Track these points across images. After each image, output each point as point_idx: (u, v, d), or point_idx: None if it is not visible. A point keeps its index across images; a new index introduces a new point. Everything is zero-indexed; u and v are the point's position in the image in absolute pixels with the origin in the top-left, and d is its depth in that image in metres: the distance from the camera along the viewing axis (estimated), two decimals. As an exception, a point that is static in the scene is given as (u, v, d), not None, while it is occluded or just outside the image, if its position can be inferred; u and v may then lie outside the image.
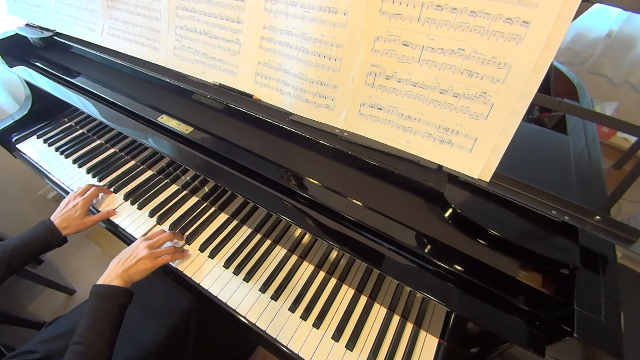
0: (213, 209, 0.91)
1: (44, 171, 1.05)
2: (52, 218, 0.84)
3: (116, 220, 0.89)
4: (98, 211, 0.91)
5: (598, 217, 0.50)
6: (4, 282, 0.76)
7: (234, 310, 0.72)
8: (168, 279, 0.80)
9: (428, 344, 0.67)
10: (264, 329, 0.69)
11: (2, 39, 1.12)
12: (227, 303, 0.73)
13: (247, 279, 0.77)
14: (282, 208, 0.67)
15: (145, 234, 0.86)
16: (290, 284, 0.76)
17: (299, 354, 0.66)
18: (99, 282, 0.70)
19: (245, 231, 0.86)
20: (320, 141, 0.65)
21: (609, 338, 0.43)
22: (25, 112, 1.17)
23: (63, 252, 1.73)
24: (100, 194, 0.94)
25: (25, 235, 0.79)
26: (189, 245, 0.83)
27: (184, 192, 0.95)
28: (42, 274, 1.47)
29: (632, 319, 0.49)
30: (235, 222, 0.88)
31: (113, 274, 0.70)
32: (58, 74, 1.00)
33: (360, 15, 0.56)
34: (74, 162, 1.06)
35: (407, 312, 0.70)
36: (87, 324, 0.63)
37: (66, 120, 1.20)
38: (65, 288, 1.55)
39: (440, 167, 0.58)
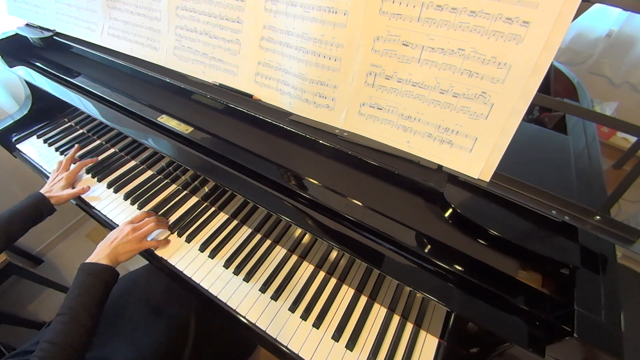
0: (213, 209, 0.91)
1: (44, 171, 1.05)
2: (41, 190, 0.91)
3: (117, 220, 0.90)
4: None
5: (598, 217, 0.50)
6: (3, 251, 0.83)
7: (234, 310, 0.72)
8: (168, 280, 0.80)
9: (428, 344, 0.67)
10: (264, 329, 0.69)
11: (2, 39, 1.12)
12: (227, 303, 0.73)
13: (247, 279, 0.77)
14: (282, 208, 0.67)
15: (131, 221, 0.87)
16: (290, 284, 0.76)
17: (299, 354, 0.66)
18: (87, 260, 0.73)
19: (245, 231, 0.86)
20: (320, 141, 0.65)
21: (609, 338, 0.43)
22: (25, 112, 1.17)
23: (63, 252, 1.74)
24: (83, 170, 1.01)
25: (17, 205, 0.85)
26: (189, 244, 0.83)
27: (184, 192, 0.95)
28: (42, 274, 1.47)
29: (632, 319, 0.49)
30: (235, 222, 0.88)
31: (101, 254, 0.74)
32: (58, 74, 1.00)
33: (360, 15, 0.56)
34: (74, 162, 1.05)
35: (407, 312, 0.70)
36: (72, 296, 0.66)
37: (66, 120, 1.20)
38: (65, 288, 1.55)
39: (440, 167, 0.58)
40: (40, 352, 0.59)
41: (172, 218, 0.89)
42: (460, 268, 0.54)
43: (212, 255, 0.81)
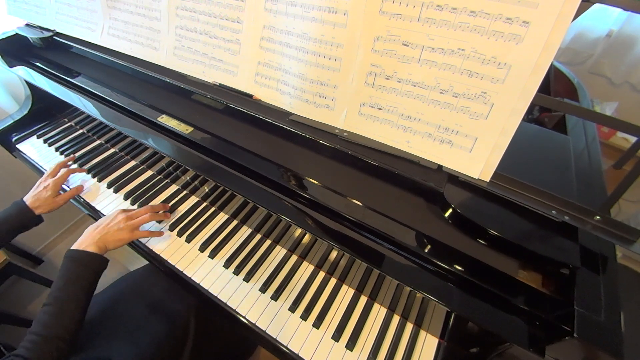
0: (213, 209, 0.91)
1: (44, 171, 1.04)
2: (24, 198, 0.86)
3: (116, 220, 0.90)
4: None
5: (598, 217, 0.50)
6: None
7: (234, 310, 0.72)
8: (168, 280, 0.80)
9: (428, 344, 0.67)
10: (264, 329, 0.69)
11: (2, 39, 1.12)
12: (227, 303, 0.73)
13: (247, 279, 0.77)
14: (282, 208, 0.67)
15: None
16: (290, 284, 0.76)
17: (299, 354, 0.66)
18: (74, 247, 0.70)
19: (245, 231, 0.86)
20: (320, 141, 0.65)
21: (609, 338, 0.43)
22: (25, 112, 1.17)
23: (63, 252, 1.73)
24: (72, 175, 0.98)
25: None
26: (189, 244, 0.83)
27: (184, 192, 0.95)
28: (42, 274, 1.47)
29: (632, 319, 0.49)
30: (235, 222, 0.88)
31: (89, 239, 0.71)
32: (58, 74, 1.00)
33: (360, 15, 0.56)
34: (74, 162, 1.05)
35: (407, 312, 0.70)
36: (60, 286, 0.64)
37: (66, 120, 1.20)
38: (65, 288, 1.55)
39: (440, 167, 0.58)
40: (28, 344, 0.57)
41: (172, 218, 0.89)
42: (460, 268, 0.54)
43: (212, 255, 0.81)
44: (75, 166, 1.01)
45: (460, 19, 0.49)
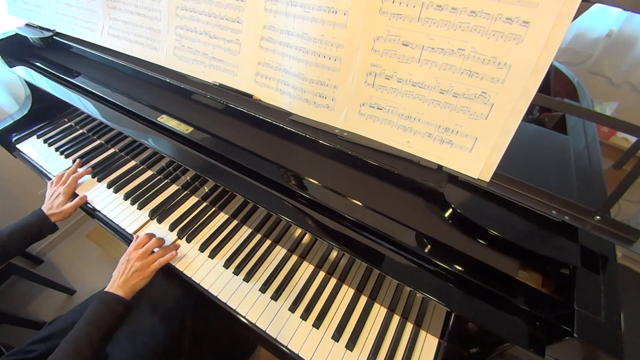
0: (213, 209, 0.91)
1: (44, 171, 1.05)
2: (42, 207, 0.90)
3: (116, 220, 0.89)
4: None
5: (598, 217, 0.50)
6: (1, 266, 0.82)
7: (234, 310, 0.72)
8: (167, 279, 0.80)
9: (428, 344, 0.67)
10: (264, 329, 0.69)
11: (2, 39, 1.12)
12: (227, 303, 0.73)
13: (247, 279, 0.77)
14: (282, 208, 0.67)
15: (136, 230, 0.88)
16: (290, 284, 0.76)
17: (299, 354, 0.66)
18: (106, 288, 0.72)
19: (245, 231, 0.86)
20: (320, 141, 0.65)
21: (609, 338, 0.43)
22: (25, 112, 1.17)
23: (63, 252, 1.74)
24: (81, 179, 1.00)
25: (19, 222, 0.85)
26: (188, 244, 0.83)
27: (184, 192, 0.95)
28: (42, 274, 1.47)
29: (632, 319, 0.49)
30: (235, 222, 0.88)
31: (116, 284, 0.73)
32: (58, 74, 1.00)
33: (360, 15, 0.56)
34: (74, 162, 1.05)
35: (407, 312, 0.70)
36: (81, 325, 0.66)
37: (66, 120, 1.20)
38: (65, 288, 1.55)
39: (440, 167, 0.58)
40: None
41: (172, 218, 0.89)
42: (460, 268, 0.54)
43: (212, 255, 0.81)
44: (81, 170, 1.01)
45: (460, 19, 0.49)
